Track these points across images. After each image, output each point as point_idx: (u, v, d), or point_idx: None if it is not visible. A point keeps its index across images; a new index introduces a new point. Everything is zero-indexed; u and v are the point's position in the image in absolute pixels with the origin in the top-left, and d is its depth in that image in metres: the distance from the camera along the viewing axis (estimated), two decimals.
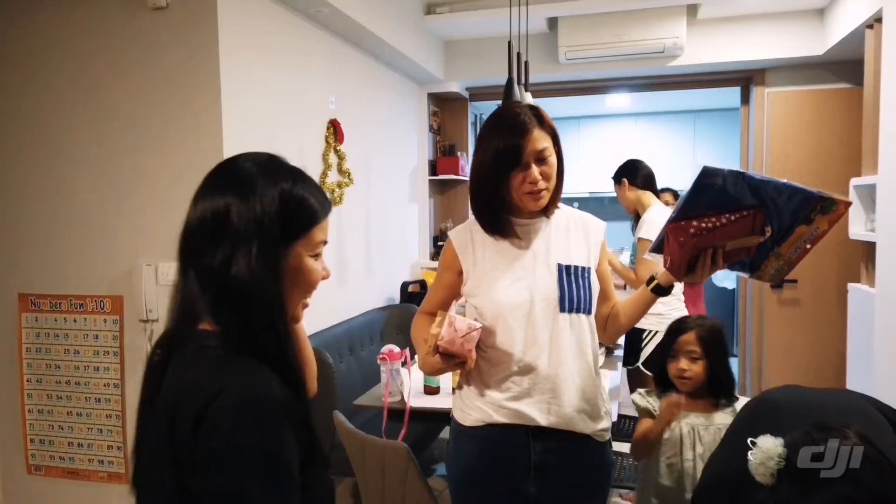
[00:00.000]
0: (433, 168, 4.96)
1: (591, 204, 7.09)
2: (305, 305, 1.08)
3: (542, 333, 1.55)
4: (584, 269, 1.59)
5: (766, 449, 1.04)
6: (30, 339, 2.80)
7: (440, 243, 5.04)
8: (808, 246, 1.46)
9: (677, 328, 1.91)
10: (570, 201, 5.59)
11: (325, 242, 1.06)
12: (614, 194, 3.50)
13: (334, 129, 3.43)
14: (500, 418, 1.57)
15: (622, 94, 5.41)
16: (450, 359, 1.49)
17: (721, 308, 6.04)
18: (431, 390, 2.65)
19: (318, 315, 3.29)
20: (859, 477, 0.97)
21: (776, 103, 4.46)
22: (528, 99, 3.03)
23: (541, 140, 1.51)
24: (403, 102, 4.56)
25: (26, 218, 2.76)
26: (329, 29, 3.39)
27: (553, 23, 4.42)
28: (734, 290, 6.01)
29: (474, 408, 1.62)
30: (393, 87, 4.36)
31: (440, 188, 5.17)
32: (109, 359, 2.72)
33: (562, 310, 1.55)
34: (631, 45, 4.24)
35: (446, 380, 2.60)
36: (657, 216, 3.16)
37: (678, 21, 4.15)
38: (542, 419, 1.56)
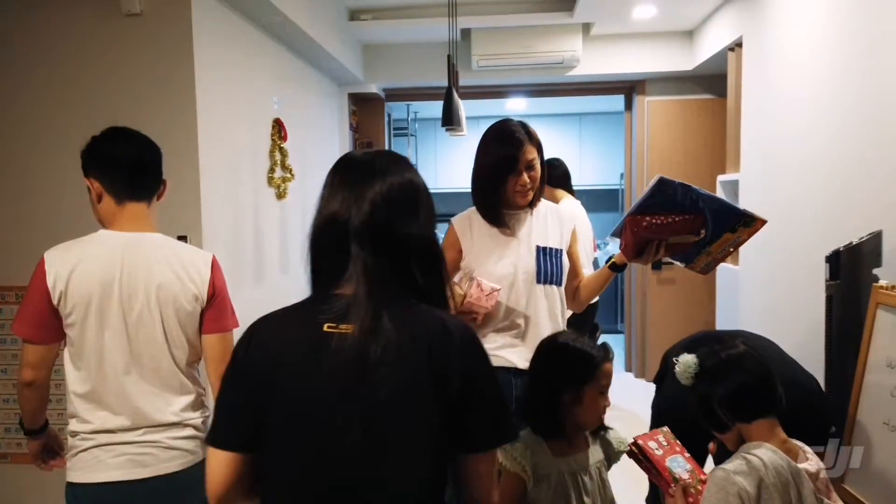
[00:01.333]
0: None
1: None
2: None
3: (522, 299, 1.99)
4: (557, 250, 2.05)
5: (685, 361, 1.65)
6: None
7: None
8: (731, 249, 2.01)
9: (588, 357, 1.66)
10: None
11: None
12: None
13: (279, 128, 3.68)
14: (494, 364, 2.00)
15: (525, 98, 5.99)
16: (466, 315, 1.90)
17: (608, 288, 6.79)
18: None
19: (268, 303, 3.54)
20: (748, 367, 1.54)
21: (654, 110, 5.18)
22: (461, 106, 3.48)
23: (531, 152, 1.96)
24: (329, 102, 4.84)
25: None
26: (275, 36, 3.64)
27: (466, 33, 4.87)
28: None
29: None
30: (320, 89, 4.64)
31: None
32: None
33: (538, 281, 2.00)
34: (535, 56, 4.79)
35: None
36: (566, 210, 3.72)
37: (575, 37, 4.74)
38: (521, 363, 2.00)
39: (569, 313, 2.20)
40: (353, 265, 1.14)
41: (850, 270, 2.36)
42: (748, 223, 1.94)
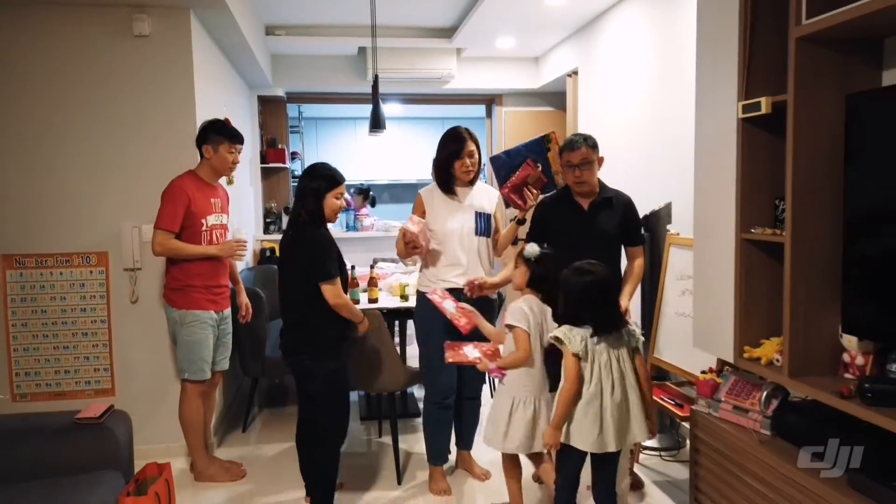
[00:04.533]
0: (263, 158, 6.07)
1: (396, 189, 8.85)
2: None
3: (465, 245, 3.09)
4: (488, 214, 3.17)
5: (531, 246, 2.65)
6: (14, 292, 3.44)
7: (268, 220, 6.17)
8: (559, 159, 3.00)
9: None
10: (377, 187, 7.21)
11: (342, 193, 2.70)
12: (408, 181, 5.15)
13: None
14: (448, 287, 3.08)
15: (401, 104, 7.09)
16: (409, 244, 2.99)
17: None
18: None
19: None
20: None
21: (509, 118, 6.53)
22: (384, 114, 4.51)
23: (471, 146, 3.05)
24: (244, 103, 5.61)
25: (14, 193, 3.40)
26: (224, 51, 4.42)
27: (363, 50, 5.87)
28: None
29: (430, 283, 3.10)
30: (241, 92, 5.40)
31: (266, 174, 6.27)
32: (96, 301, 3.52)
33: (476, 234, 3.11)
34: (420, 71, 5.90)
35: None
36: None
37: (451, 58, 5.93)
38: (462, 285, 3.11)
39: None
40: None
41: (654, 226, 3.75)
42: (547, 140, 3.06)
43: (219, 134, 3.19)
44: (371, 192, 6.84)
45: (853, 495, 1.87)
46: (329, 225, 2.78)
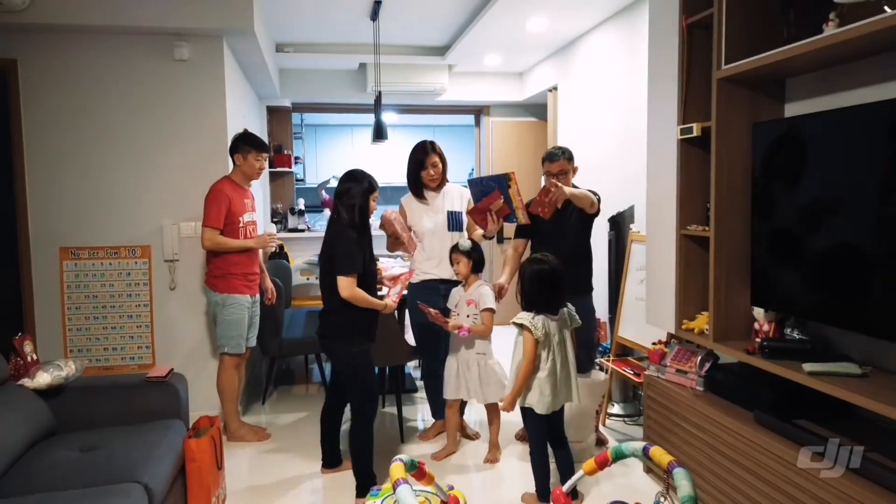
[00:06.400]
0: (271, 162, 6.63)
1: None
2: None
3: (439, 240, 3.70)
4: (459, 212, 3.77)
5: (463, 242, 3.47)
6: (69, 280, 4.00)
7: (275, 219, 6.74)
8: (520, 197, 3.50)
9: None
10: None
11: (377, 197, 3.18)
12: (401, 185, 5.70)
13: None
14: (426, 277, 3.69)
15: (397, 114, 7.69)
16: (394, 238, 3.62)
17: None
18: None
19: None
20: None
21: (496, 127, 7.14)
22: (385, 125, 5.09)
23: (433, 158, 3.66)
24: (255, 113, 6.17)
25: (70, 195, 3.96)
26: (244, 69, 5.00)
27: (363, 66, 6.45)
28: None
29: (418, 275, 3.71)
30: (252, 103, 5.97)
31: (273, 178, 6.84)
32: (140, 288, 4.08)
33: (448, 230, 3.71)
34: (413, 84, 6.50)
35: None
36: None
37: (444, 73, 6.53)
38: (444, 276, 3.69)
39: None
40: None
41: (619, 226, 4.37)
42: (507, 179, 3.44)
43: (248, 144, 3.76)
44: None
45: (761, 430, 2.49)
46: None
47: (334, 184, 3.66)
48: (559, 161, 3.50)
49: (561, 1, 4.38)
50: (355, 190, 3.06)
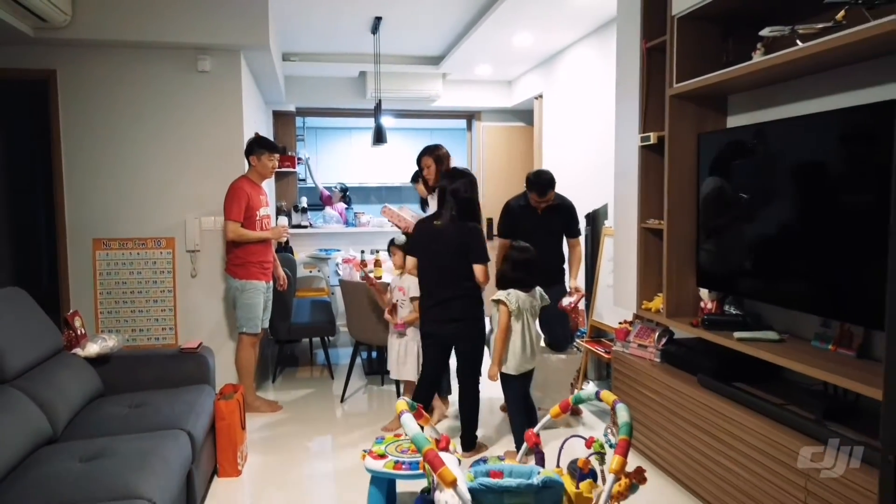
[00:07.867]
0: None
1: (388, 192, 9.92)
2: None
3: None
4: None
5: (400, 237, 4.13)
6: (101, 268, 4.46)
7: (279, 216, 7.20)
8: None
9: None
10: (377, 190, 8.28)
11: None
12: (396, 185, 6.22)
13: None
14: None
15: (399, 118, 8.18)
16: (400, 226, 4.15)
17: None
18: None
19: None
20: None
21: (487, 131, 7.63)
22: (385, 130, 5.58)
23: (429, 161, 4.14)
24: (262, 117, 6.64)
25: (102, 192, 4.42)
26: (255, 77, 5.47)
27: (363, 73, 6.93)
28: None
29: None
30: (261, 107, 6.44)
31: (278, 177, 7.31)
32: (164, 276, 4.55)
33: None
34: (410, 91, 6.98)
35: None
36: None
37: (438, 81, 7.02)
38: None
39: None
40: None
41: (594, 222, 4.87)
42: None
43: (262, 146, 4.23)
44: (347, 192, 7.86)
45: (704, 391, 2.98)
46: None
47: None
48: (548, 195, 3.98)
49: (544, 20, 4.88)
50: (471, 189, 3.55)
